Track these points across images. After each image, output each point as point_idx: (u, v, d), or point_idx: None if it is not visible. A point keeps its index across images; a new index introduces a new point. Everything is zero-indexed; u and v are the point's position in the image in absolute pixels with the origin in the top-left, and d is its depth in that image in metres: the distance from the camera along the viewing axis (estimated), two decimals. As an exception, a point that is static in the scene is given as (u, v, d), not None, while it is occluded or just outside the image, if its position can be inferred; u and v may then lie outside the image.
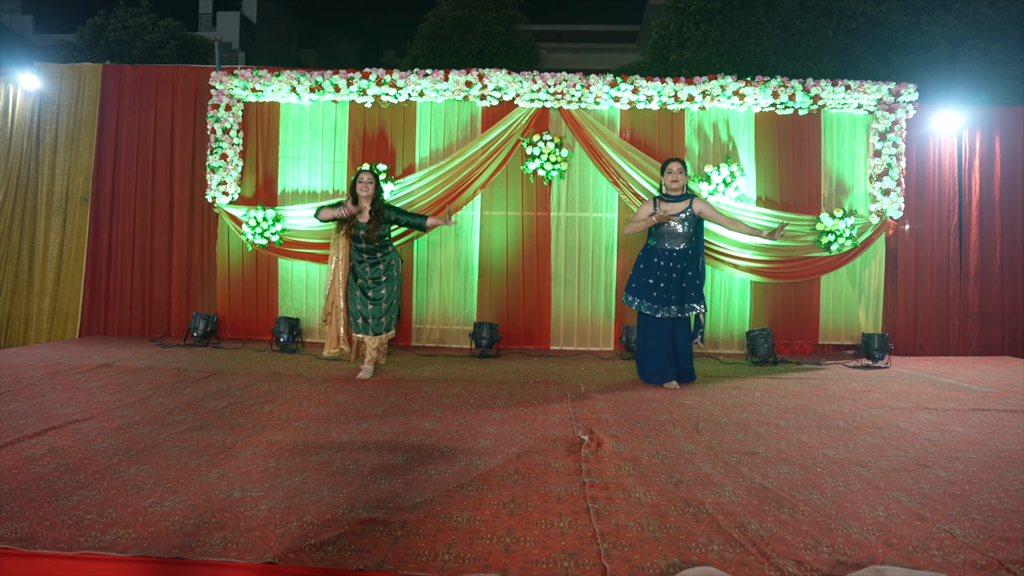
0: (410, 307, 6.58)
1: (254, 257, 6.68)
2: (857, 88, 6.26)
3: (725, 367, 5.72)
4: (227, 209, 6.56)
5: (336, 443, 3.17)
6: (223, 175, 6.51)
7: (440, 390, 4.50)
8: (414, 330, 6.59)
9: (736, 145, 6.54)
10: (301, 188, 6.68)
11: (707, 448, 3.21)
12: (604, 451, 3.12)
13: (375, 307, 4.94)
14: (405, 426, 3.52)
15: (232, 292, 6.70)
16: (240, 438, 3.23)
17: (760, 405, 4.21)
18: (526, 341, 6.60)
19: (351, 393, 4.34)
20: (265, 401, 4.03)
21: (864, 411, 4.08)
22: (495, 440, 3.28)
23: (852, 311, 6.56)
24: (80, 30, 15.20)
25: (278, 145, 6.70)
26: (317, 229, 6.48)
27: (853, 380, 5.17)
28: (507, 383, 4.82)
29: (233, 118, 6.54)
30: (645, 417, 3.84)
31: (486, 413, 3.87)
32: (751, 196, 6.51)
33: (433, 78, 6.29)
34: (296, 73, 6.40)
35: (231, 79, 6.43)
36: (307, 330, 6.63)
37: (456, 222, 5.51)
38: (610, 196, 6.61)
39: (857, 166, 6.56)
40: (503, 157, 6.51)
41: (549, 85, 6.26)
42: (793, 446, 3.27)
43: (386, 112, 6.64)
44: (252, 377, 4.78)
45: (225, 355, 5.77)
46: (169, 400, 3.99)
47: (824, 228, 6.30)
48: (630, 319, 6.45)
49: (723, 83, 6.26)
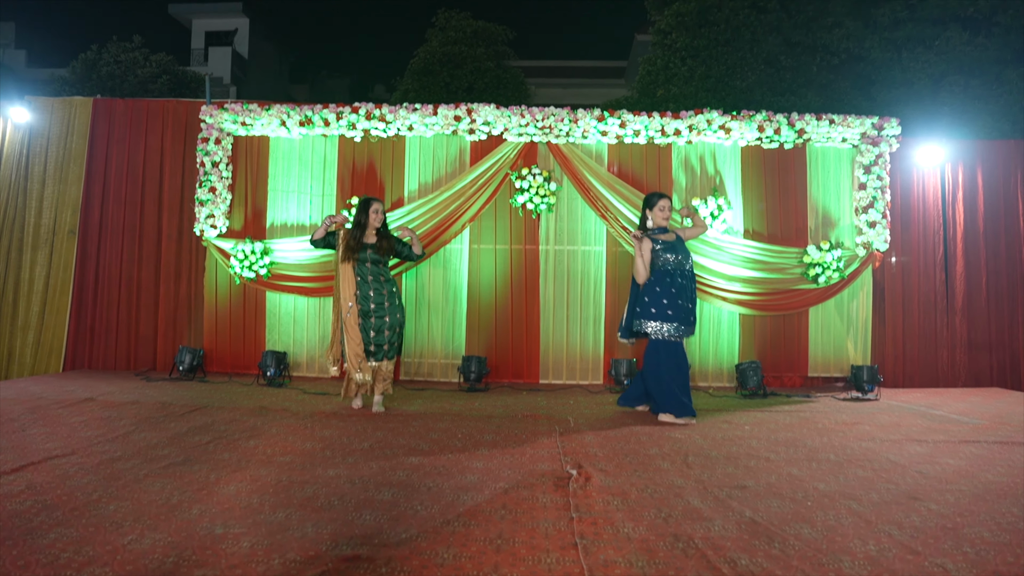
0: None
1: (242, 290, 6.67)
2: (841, 122, 6.37)
3: (714, 400, 5.72)
4: (215, 242, 6.56)
5: (321, 478, 3.15)
6: (211, 208, 6.52)
7: (428, 424, 4.48)
8: (403, 363, 6.56)
9: (723, 178, 6.61)
10: (290, 221, 6.70)
11: (697, 482, 3.20)
12: (592, 485, 3.11)
13: (391, 333, 4.86)
14: (392, 461, 3.51)
15: (219, 325, 6.67)
16: (224, 473, 3.20)
17: (750, 438, 4.21)
18: (515, 375, 6.58)
19: (338, 428, 4.32)
20: (250, 436, 4.01)
21: (854, 444, 4.08)
22: (482, 475, 3.27)
23: (841, 343, 6.58)
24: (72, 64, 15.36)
25: (267, 178, 6.73)
26: (306, 262, 6.49)
27: (843, 412, 5.18)
28: (495, 417, 4.81)
29: (222, 151, 6.58)
30: (634, 451, 3.83)
31: (474, 448, 3.85)
32: (738, 229, 6.56)
33: (422, 112, 6.36)
34: (286, 107, 6.47)
35: (221, 113, 6.49)
36: (294, 364, 6.60)
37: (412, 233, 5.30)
38: (598, 229, 6.65)
39: (843, 199, 6.64)
40: (492, 191, 6.55)
41: (537, 119, 6.33)
42: (783, 479, 3.26)
43: (375, 146, 6.69)
44: (237, 411, 4.76)
45: (211, 389, 5.74)
46: (152, 435, 3.95)
47: (811, 260, 6.35)
48: (620, 352, 6.46)
49: (709, 117, 6.35)
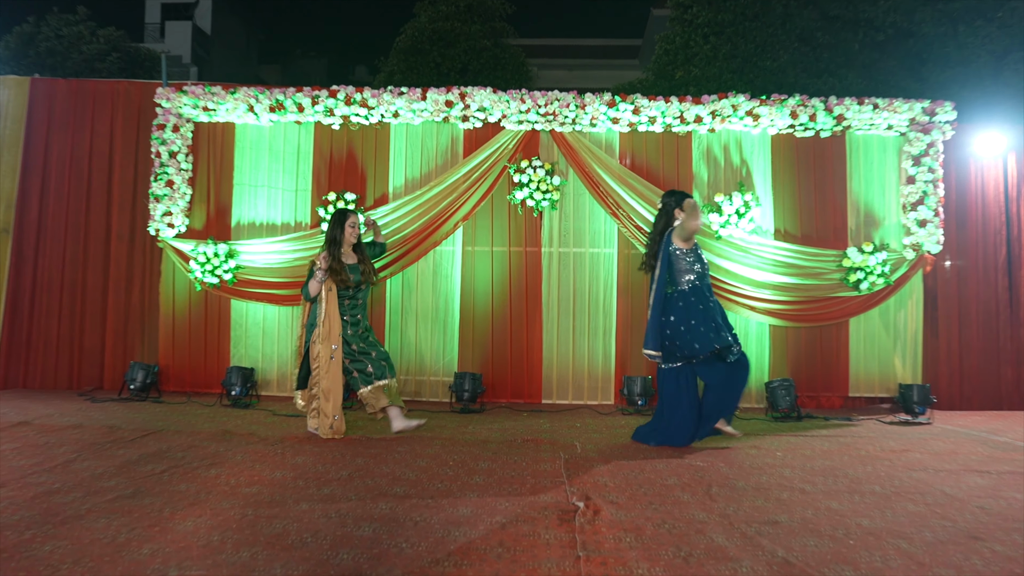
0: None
1: (203, 298, 6.63)
2: (886, 107, 6.34)
3: (741, 423, 5.67)
4: (173, 243, 6.52)
5: (293, 512, 3.13)
6: (169, 204, 6.49)
7: (415, 450, 4.46)
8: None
9: (750, 171, 6.59)
10: (259, 220, 6.68)
11: (721, 516, 3.18)
12: (602, 520, 3.09)
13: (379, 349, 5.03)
14: (373, 491, 3.49)
15: (177, 338, 6.63)
16: (180, 507, 3.17)
17: (782, 467, 4.18)
18: (514, 394, 6.55)
19: (312, 454, 4.29)
20: (211, 464, 3.98)
21: (903, 474, 4.05)
22: (476, 508, 3.25)
23: (887, 359, 6.54)
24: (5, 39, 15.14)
25: (232, 171, 6.71)
26: (277, 266, 6.48)
27: (890, 438, 5.15)
28: (491, 442, 4.80)
29: (181, 140, 6.55)
30: (649, 481, 3.81)
31: (467, 476, 3.84)
32: (768, 228, 6.55)
33: (409, 97, 6.35)
34: (254, 90, 6.44)
35: (180, 96, 6.46)
36: (263, 382, 6.57)
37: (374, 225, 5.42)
38: (609, 229, 6.63)
39: (888, 194, 6.61)
40: (488, 186, 6.53)
41: (539, 105, 6.32)
42: (821, 514, 3.23)
43: (356, 135, 6.67)
44: (197, 436, 4.74)
45: (166, 411, 5.70)
46: (97, 464, 3.91)
47: (852, 264, 6.32)
48: (632, 368, 6.44)
49: (735, 102, 6.33)
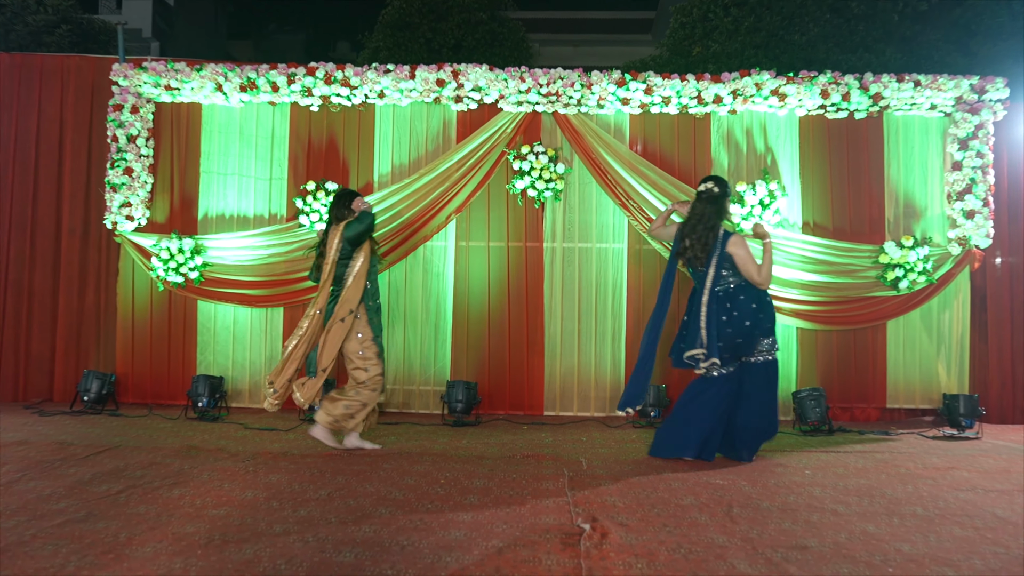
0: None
1: (166, 299, 6.63)
2: (930, 84, 6.31)
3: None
4: (132, 238, 6.52)
5: (265, 535, 3.13)
6: (127, 194, 6.48)
7: (402, 467, 4.48)
8: None
9: (776, 157, 6.60)
10: (229, 212, 6.69)
11: (744, 540, 3.18)
12: (610, 544, 3.10)
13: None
14: (356, 513, 3.50)
15: (137, 344, 6.62)
16: (138, 531, 3.17)
17: (811, 485, 4.19)
18: (513, 405, 6.57)
19: (288, 472, 4.30)
20: (174, 483, 3.99)
21: (949, 494, 4.04)
22: (471, 530, 3.26)
23: (929, 366, 6.53)
24: (-67, 8, 15.05)
25: (199, 157, 6.71)
26: (249, 263, 6.51)
27: (933, 454, 5.15)
28: (488, 458, 4.82)
29: (141, 122, 6.54)
30: (664, 500, 3.82)
31: (460, 496, 3.85)
32: (795, 221, 6.56)
33: (396, 75, 6.34)
34: (223, 67, 6.42)
35: (139, 73, 6.44)
36: (233, 392, 6.58)
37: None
38: (618, 222, 6.65)
39: (931, 182, 6.60)
40: (484, 174, 6.55)
41: (541, 84, 6.32)
42: (856, 538, 3.23)
43: (337, 118, 6.68)
44: (159, 452, 4.74)
45: (124, 425, 5.70)
46: (44, 484, 3.91)
47: (890, 260, 6.32)
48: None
49: (759, 80, 6.32)
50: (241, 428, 5.72)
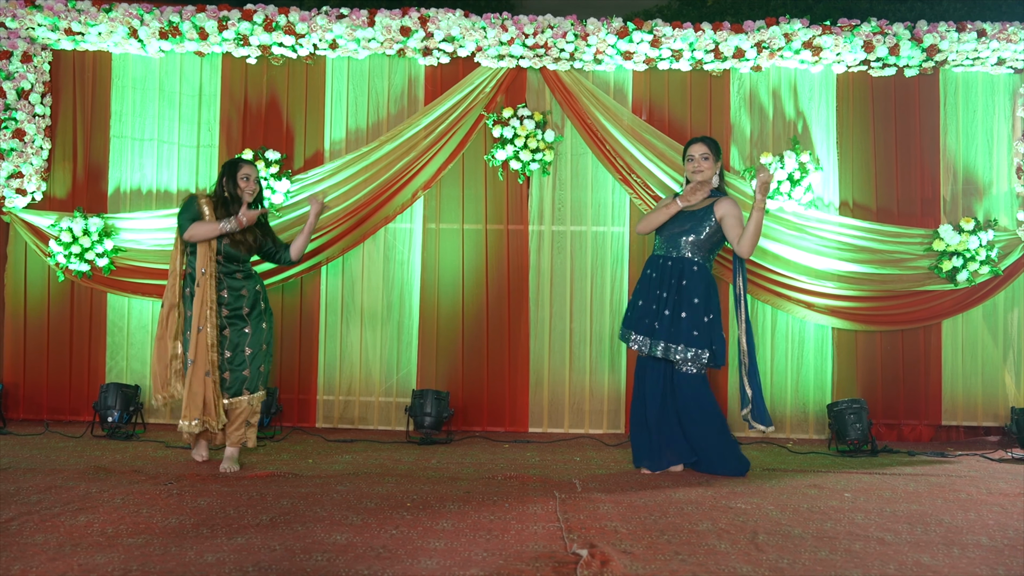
0: (314, 370, 6.17)
1: (68, 292, 6.15)
2: (997, 34, 5.81)
3: (796, 458, 5.48)
4: (24, 216, 6.02)
5: (194, 566, 3.07)
6: (18, 162, 5.92)
7: (360, 489, 4.36)
8: (320, 403, 6.20)
9: (808, 124, 6.16)
10: (146, 186, 6.21)
11: (772, 570, 3.14)
12: (612, 573, 3.06)
13: (236, 354, 4.87)
14: (304, 540, 3.41)
15: (30, 347, 6.18)
16: (34, 563, 3.08)
17: (852, 511, 4.09)
18: (492, 420, 6.25)
19: (221, 496, 4.16)
20: (80, 509, 3.84)
21: (1019, 523, 3.91)
22: (444, 558, 3.22)
23: (994, 375, 6.09)
24: None
25: (109, 119, 6.21)
26: (169, 248, 5.87)
27: (1000, 478, 4.92)
28: (463, 479, 4.68)
29: (36, 74, 6.00)
30: (675, 526, 3.75)
31: (431, 521, 3.77)
32: (832, 200, 6.10)
33: (352, 21, 5.83)
34: (138, 8, 5.81)
35: (32, 13, 5.83)
36: (151, 406, 6.06)
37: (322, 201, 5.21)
38: (618, 201, 6.24)
39: (997, 153, 6.12)
40: (458, 142, 6.16)
41: (527, 34, 5.83)
42: (908, 570, 3.17)
43: (279, 72, 6.21)
44: (59, 475, 4.53)
45: (14, 444, 5.39)
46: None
47: (946, 247, 5.86)
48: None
49: (789, 29, 5.81)
50: (161, 447, 5.39)
